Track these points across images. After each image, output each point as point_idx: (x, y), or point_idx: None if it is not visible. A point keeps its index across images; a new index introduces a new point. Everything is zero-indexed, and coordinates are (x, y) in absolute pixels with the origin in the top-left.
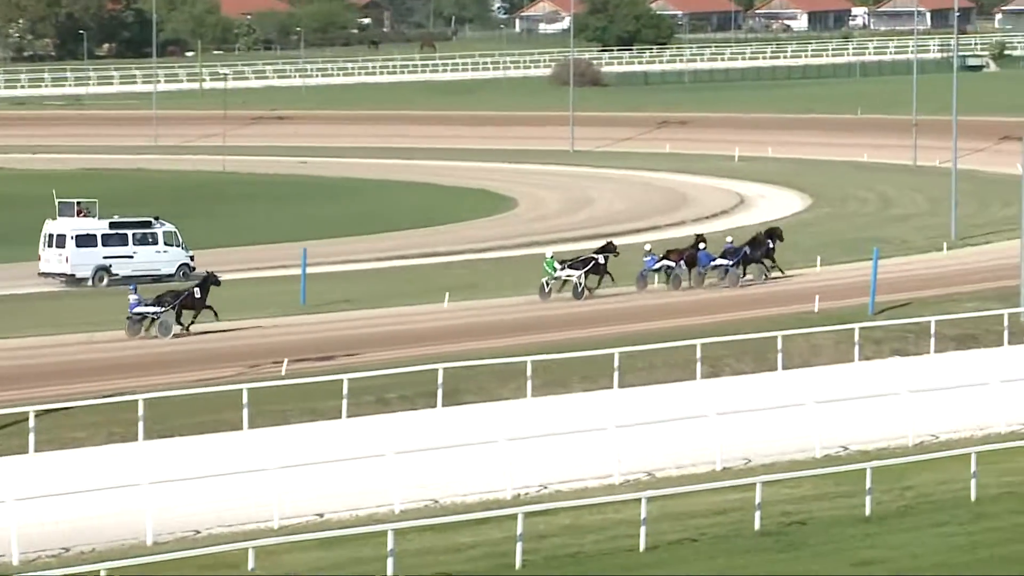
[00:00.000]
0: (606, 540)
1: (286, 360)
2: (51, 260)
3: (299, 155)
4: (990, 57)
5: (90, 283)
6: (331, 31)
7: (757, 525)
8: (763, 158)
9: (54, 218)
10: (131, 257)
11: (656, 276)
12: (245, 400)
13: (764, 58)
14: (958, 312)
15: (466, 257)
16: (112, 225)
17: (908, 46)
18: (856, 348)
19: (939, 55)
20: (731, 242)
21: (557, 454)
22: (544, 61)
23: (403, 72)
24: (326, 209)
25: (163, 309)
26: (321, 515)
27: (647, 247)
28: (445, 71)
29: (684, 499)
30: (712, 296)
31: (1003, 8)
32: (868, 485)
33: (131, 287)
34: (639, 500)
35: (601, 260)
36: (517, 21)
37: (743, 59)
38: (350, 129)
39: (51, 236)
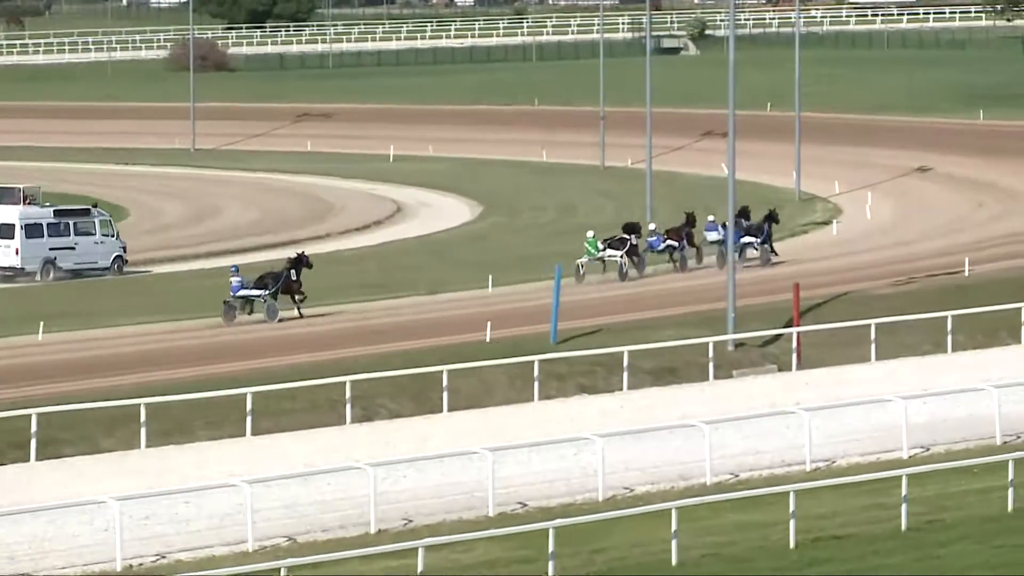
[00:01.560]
0: None
1: None
2: None
3: None
4: (689, 38)
5: (38, 277)
6: None
7: None
8: (423, 158)
9: None
10: (73, 248)
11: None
12: None
13: (423, 38)
14: (655, 341)
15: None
16: (56, 213)
17: (593, 25)
18: (535, 385)
19: (630, 35)
20: (712, 220)
21: (176, 516)
22: (158, 41)
23: None
24: None
25: (268, 292)
26: None
27: (652, 226)
28: (36, 53)
29: (333, 567)
30: (374, 322)
31: None
32: (551, 548)
33: (232, 268)
34: (278, 570)
35: (635, 241)
36: None
37: (397, 39)
38: None
39: None
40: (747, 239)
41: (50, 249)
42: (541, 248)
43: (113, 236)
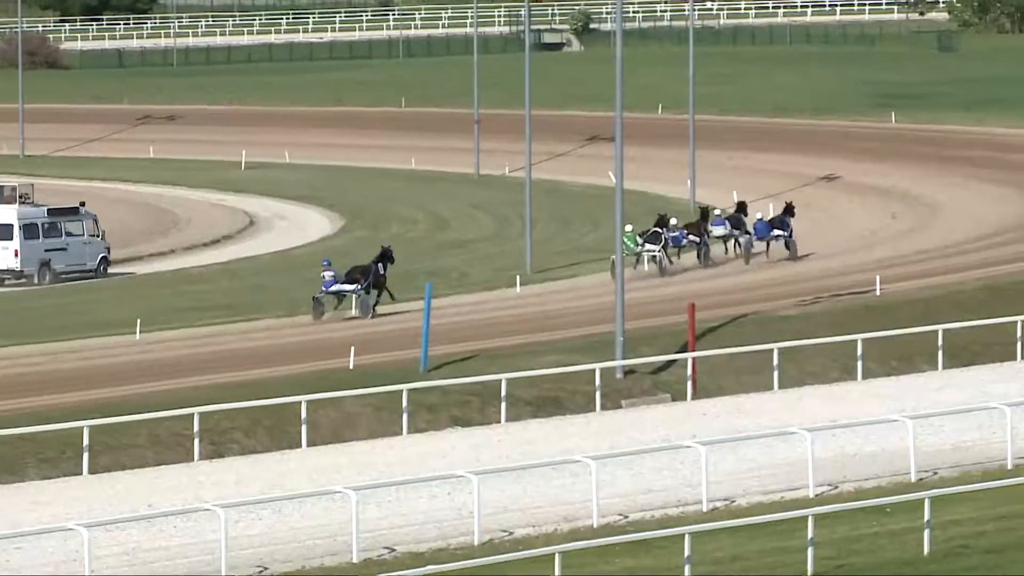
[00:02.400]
0: None
1: None
2: None
3: None
4: (572, 32)
5: (35, 280)
6: None
7: None
8: (279, 165)
9: None
10: (65, 250)
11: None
12: None
13: (277, 33)
14: (536, 368)
15: None
16: (50, 212)
17: (466, 17)
18: (404, 417)
19: (507, 29)
20: (719, 215)
21: (7, 564)
22: None
23: None
24: None
25: (361, 287)
26: None
27: (673, 221)
28: None
29: None
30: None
31: None
32: None
33: (324, 262)
34: None
35: (666, 235)
36: None
37: (249, 34)
38: None
39: None
40: (777, 232)
41: (45, 251)
42: (409, 265)
43: (99, 236)
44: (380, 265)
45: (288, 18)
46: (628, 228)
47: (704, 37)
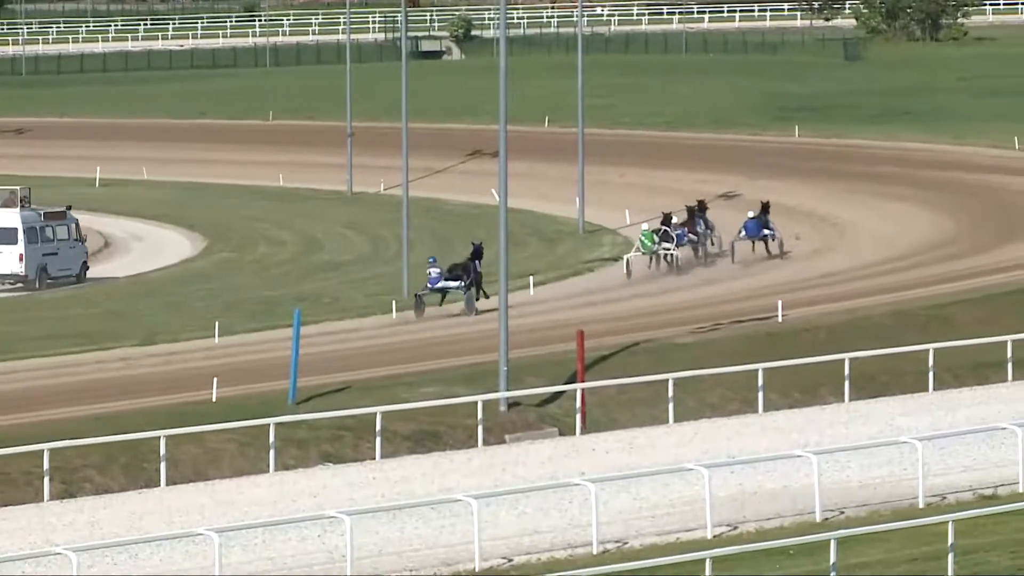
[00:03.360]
0: None
1: None
2: None
3: None
4: (452, 39)
5: (36, 285)
6: None
7: None
8: (136, 182)
9: None
10: (56, 254)
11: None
12: None
13: (134, 40)
14: (414, 400)
15: None
16: (45, 216)
17: (339, 24)
18: (271, 453)
19: (382, 36)
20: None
21: None
22: None
23: None
24: None
25: (466, 283)
26: None
27: (675, 219)
28: None
29: None
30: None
31: None
32: None
33: (431, 259)
34: None
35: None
36: None
37: (104, 41)
38: None
39: None
40: (766, 232)
41: (43, 255)
42: (278, 290)
43: (81, 241)
44: (476, 262)
45: (146, 24)
46: (644, 227)
47: (594, 45)
